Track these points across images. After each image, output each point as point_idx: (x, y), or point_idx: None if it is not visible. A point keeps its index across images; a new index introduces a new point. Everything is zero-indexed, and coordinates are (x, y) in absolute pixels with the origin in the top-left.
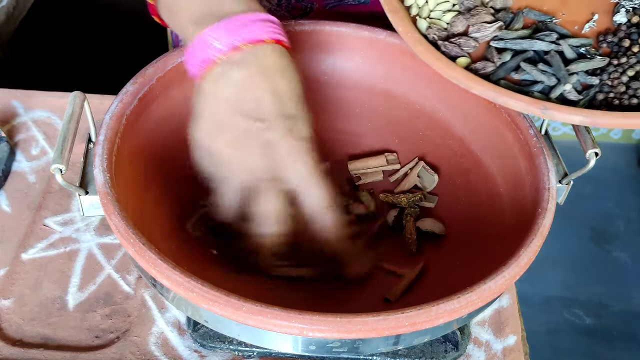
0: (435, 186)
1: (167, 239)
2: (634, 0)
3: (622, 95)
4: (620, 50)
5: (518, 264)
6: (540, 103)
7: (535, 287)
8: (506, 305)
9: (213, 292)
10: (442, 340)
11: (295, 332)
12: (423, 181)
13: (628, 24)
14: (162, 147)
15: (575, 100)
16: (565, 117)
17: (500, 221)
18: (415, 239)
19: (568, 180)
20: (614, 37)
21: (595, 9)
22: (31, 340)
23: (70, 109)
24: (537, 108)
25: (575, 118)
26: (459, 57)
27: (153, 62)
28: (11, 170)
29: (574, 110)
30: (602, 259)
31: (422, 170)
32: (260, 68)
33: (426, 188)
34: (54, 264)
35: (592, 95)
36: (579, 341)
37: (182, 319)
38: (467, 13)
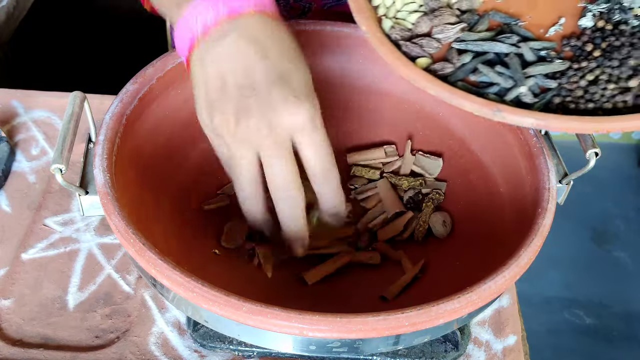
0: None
1: (167, 239)
2: (601, 5)
3: (579, 99)
4: (583, 54)
5: (518, 264)
6: (493, 105)
7: (535, 287)
8: (506, 305)
9: (213, 292)
10: (442, 340)
11: (295, 332)
12: (427, 168)
13: (593, 28)
14: (162, 147)
15: (531, 103)
16: (517, 119)
17: (500, 221)
18: (425, 229)
19: (568, 180)
20: (577, 41)
21: (563, 13)
22: (31, 340)
23: (70, 109)
24: (489, 109)
25: (527, 120)
26: (420, 57)
27: (153, 62)
28: (11, 170)
29: (526, 113)
30: (602, 259)
31: (423, 158)
32: (246, 37)
33: (432, 174)
34: (54, 264)
35: (549, 98)
36: (579, 341)
37: (182, 319)
38: (431, 14)
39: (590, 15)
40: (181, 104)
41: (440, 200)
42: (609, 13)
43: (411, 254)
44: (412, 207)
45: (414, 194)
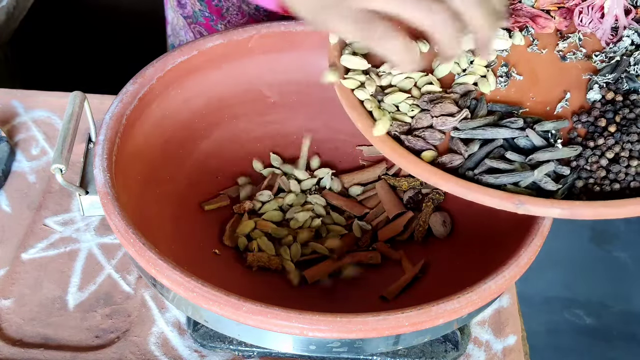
0: None
1: (167, 239)
2: (607, 75)
3: (603, 180)
4: (597, 130)
5: (518, 264)
6: (515, 198)
7: (535, 287)
8: (506, 305)
9: (213, 292)
10: (442, 340)
11: (296, 332)
12: None
13: (603, 101)
14: (162, 146)
15: (554, 190)
16: (542, 211)
17: (500, 221)
18: (425, 229)
19: None
20: (589, 117)
21: (568, 87)
22: (31, 340)
23: (70, 109)
24: (511, 203)
25: (553, 211)
26: (424, 150)
27: (153, 62)
28: (11, 170)
29: (551, 203)
30: (602, 259)
31: None
32: None
33: None
34: (54, 264)
35: (571, 182)
36: (579, 341)
37: (182, 319)
38: (430, 104)
39: (597, 87)
40: (181, 104)
41: (440, 200)
42: (617, 83)
43: (411, 254)
44: (412, 207)
45: (414, 194)
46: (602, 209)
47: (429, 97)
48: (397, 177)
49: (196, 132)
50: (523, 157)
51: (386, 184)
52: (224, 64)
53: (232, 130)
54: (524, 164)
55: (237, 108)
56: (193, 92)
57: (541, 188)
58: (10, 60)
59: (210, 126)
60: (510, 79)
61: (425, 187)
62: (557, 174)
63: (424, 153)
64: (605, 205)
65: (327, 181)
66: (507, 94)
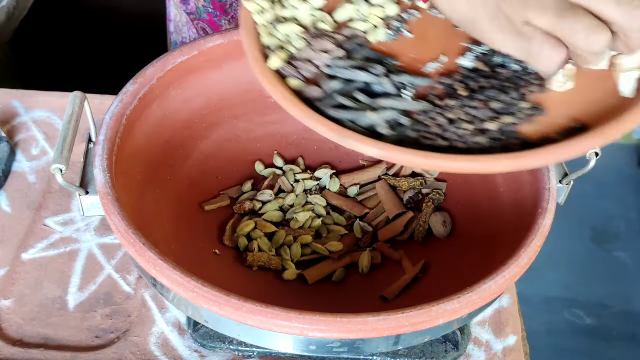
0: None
1: (167, 239)
2: (484, 46)
3: (435, 136)
4: (451, 92)
5: (518, 264)
6: (342, 130)
7: (535, 287)
8: (506, 305)
9: (213, 292)
10: (442, 340)
11: (296, 332)
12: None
13: (471, 68)
14: (163, 146)
15: (386, 135)
16: (362, 147)
17: (500, 221)
18: (425, 229)
19: (568, 180)
20: (449, 79)
21: (447, 51)
22: (31, 340)
23: (70, 109)
24: (336, 135)
25: (371, 150)
26: (291, 77)
27: (153, 62)
28: (11, 170)
29: (371, 142)
30: (602, 259)
31: None
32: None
33: (432, 174)
34: (54, 264)
35: (404, 132)
36: (579, 341)
37: (182, 319)
38: (314, 39)
39: (471, 56)
40: (181, 104)
41: (440, 200)
42: (490, 55)
43: (411, 254)
44: (412, 207)
45: (414, 194)
46: (411, 157)
47: (314, 33)
48: (397, 177)
49: (196, 132)
50: (371, 100)
51: (386, 184)
52: (224, 64)
53: (232, 130)
54: (368, 106)
55: (237, 108)
56: (193, 92)
57: (376, 131)
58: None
59: (210, 126)
60: (399, 34)
61: (426, 187)
62: (397, 122)
63: (291, 80)
64: (415, 154)
65: (327, 181)
66: (391, 47)
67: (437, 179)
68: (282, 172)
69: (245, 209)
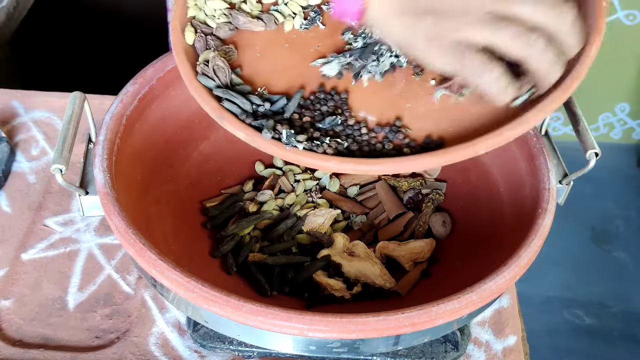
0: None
1: (167, 239)
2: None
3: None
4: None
5: (518, 264)
6: (221, 111)
7: (535, 287)
8: (506, 305)
9: (213, 292)
10: (442, 341)
11: (295, 332)
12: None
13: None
14: (163, 147)
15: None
16: (232, 129)
17: (500, 221)
18: (425, 229)
19: (568, 180)
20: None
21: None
22: (31, 340)
23: (70, 109)
24: (216, 115)
25: (239, 133)
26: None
27: (153, 62)
28: (11, 171)
29: (240, 126)
30: (602, 259)
31: None
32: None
33: (432, 175)
34: (54, 264)
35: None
36: (579, 341)
37: (182, 319)
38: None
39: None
40: (181, 104)
41: (440, 201)
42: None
43: None
44: (412, 208)
45: (414, 194)
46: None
47: (234, 13)
48: (397, 178)
49: (196, 133)
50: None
51: (386, 184)
52: None
53: None
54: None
55: None
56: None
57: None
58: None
59: (210, 126)
60: (313, 26)
61: (426, 188)
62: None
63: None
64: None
65: (327, 181)
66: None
67: (437, 179)
68: (282, 173)
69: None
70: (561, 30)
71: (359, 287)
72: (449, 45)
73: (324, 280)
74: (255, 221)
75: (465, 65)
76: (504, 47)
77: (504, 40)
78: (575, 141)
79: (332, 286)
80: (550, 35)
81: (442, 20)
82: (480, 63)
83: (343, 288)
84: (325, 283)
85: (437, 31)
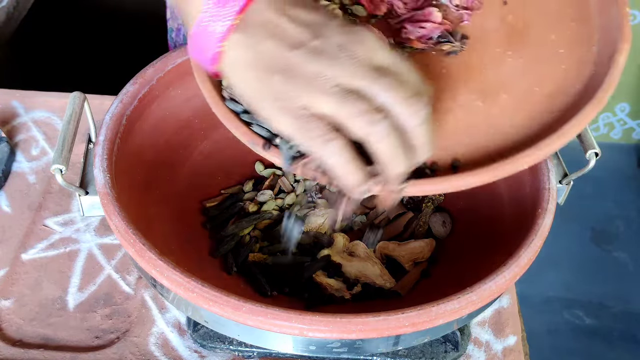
0: None
1: (167, 239)
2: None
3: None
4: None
5: (518, 264)
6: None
7: (535, 287)
8: (506, 305)
9: (213, 292)
10: (442, 341)
11: (295, 332)
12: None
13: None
14: (162, 147)
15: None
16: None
17: (500, 221)
18: (425, 229)
19: (568, 180)
20: None
21: None
22: (31, 340)
23: (70, 109)
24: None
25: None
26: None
27: (153, 62)
28: (11, 171)
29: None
30: (602, 259)
31: None
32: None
33: None
34: (54, 264)
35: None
36: (579, 341)
37: (182, 319)
38: None
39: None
40: (181, 104)
41: (440, 201)
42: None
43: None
44: (412, 208)
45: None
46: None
47: None
48: None
49: (196, 133)
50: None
51: None
52: None
53: None
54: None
55: None
56: (193, 93)
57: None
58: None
59: (210, 126)
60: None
61: None
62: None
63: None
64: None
65: None
66: None
67: None
68: (282, 173)
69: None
70: (408, 123)
71: (359, 287)
72: (296, 109)
73: (324, 281)
74: (255, 221)
75: (310, 136)
76: (349, 123)
77: (348, 113)
78: (575, 141)
79: (332, 286)
80: (399, 125)
81: (291, 81)
82: (324, 134)
83: (343, 288)
84: (325, 283)
85: (285, 91)
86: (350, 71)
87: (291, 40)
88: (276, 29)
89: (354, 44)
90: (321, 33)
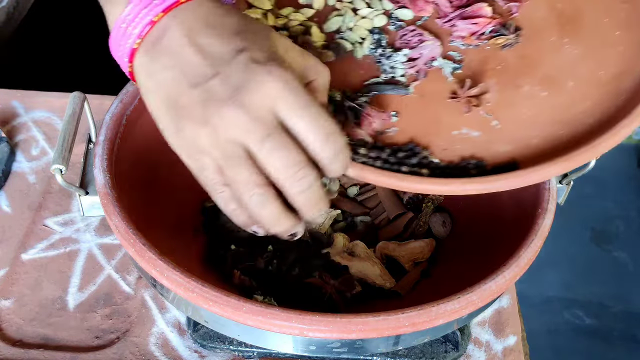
0: None
1: (167, 239)
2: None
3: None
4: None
5: (518, 264)
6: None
7: (535, 287)
8: (506, 305)
9: (213, 292)
10: (442, 341)
11: (295, 332)
12: None
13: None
14: (162, 147)
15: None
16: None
17: (500, 221)
18: (425, 229)
19: (568, 180)
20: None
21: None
22: (31, 340)
23: (70, 109)
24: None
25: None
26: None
27: None
28: (11, 171)
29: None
30: (602, 259)
31: None
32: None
33: None
34: (54, 264)
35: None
36: (579, 341)
37: (182, 319)
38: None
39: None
40: None
41: (440, 201)
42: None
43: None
44: (412, 208)
45: (414, 195)
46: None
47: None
48: None
49: None
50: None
51: None
52: None
53: None
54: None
55: None
56: None
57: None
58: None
59: None
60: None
61: None
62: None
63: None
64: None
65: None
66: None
67: None
68: None
69: None
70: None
71: (359, 287)
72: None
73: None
74: None
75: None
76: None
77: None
78: None
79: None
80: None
81: (185, 122)
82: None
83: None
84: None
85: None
86: (235, 124)
87: (191, 75)
88: (179, 59)
89: (251, 90)
90: (222, 70)
